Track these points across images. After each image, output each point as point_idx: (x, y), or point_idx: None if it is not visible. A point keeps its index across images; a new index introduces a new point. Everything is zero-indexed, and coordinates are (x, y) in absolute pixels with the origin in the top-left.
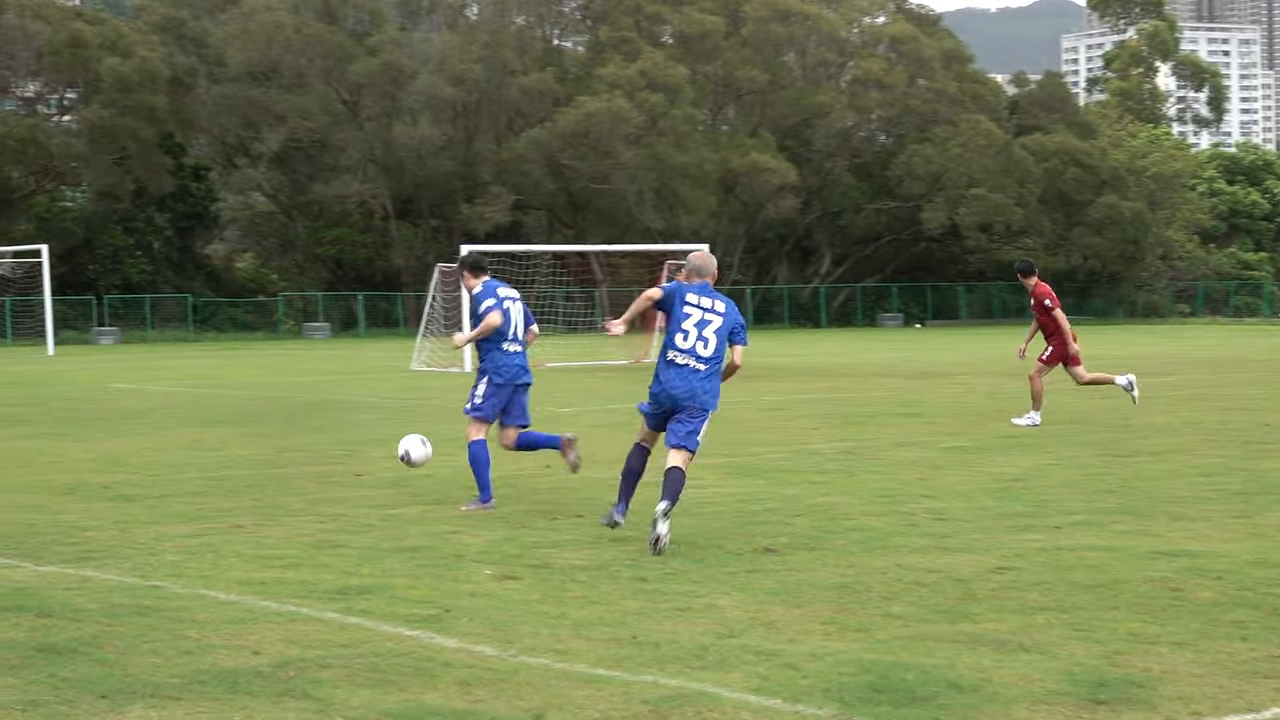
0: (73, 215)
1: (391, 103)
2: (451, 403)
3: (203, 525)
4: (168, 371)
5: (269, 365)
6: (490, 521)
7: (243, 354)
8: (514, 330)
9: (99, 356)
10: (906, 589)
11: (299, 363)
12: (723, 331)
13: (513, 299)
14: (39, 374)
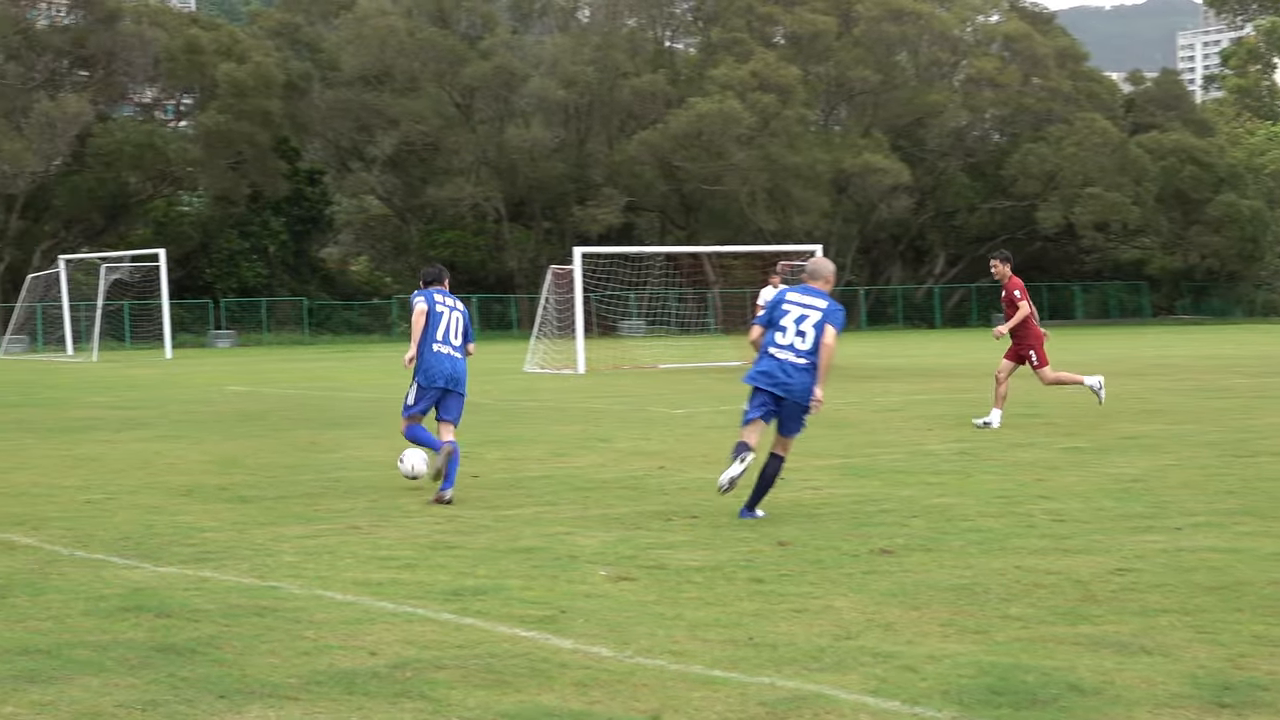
0: (189, 219)
1: (504, 105)
2: (566, 404)
3: (319, 526)
4: (283, 374)
5: (384, 367)
6: (605, 523)
7: (357, 356)
8: (444, 333)
9: (215, 359)
10: (1025, 590)
11: None
12: (820, 324)
13: (450, 306)
14: (157, 377)
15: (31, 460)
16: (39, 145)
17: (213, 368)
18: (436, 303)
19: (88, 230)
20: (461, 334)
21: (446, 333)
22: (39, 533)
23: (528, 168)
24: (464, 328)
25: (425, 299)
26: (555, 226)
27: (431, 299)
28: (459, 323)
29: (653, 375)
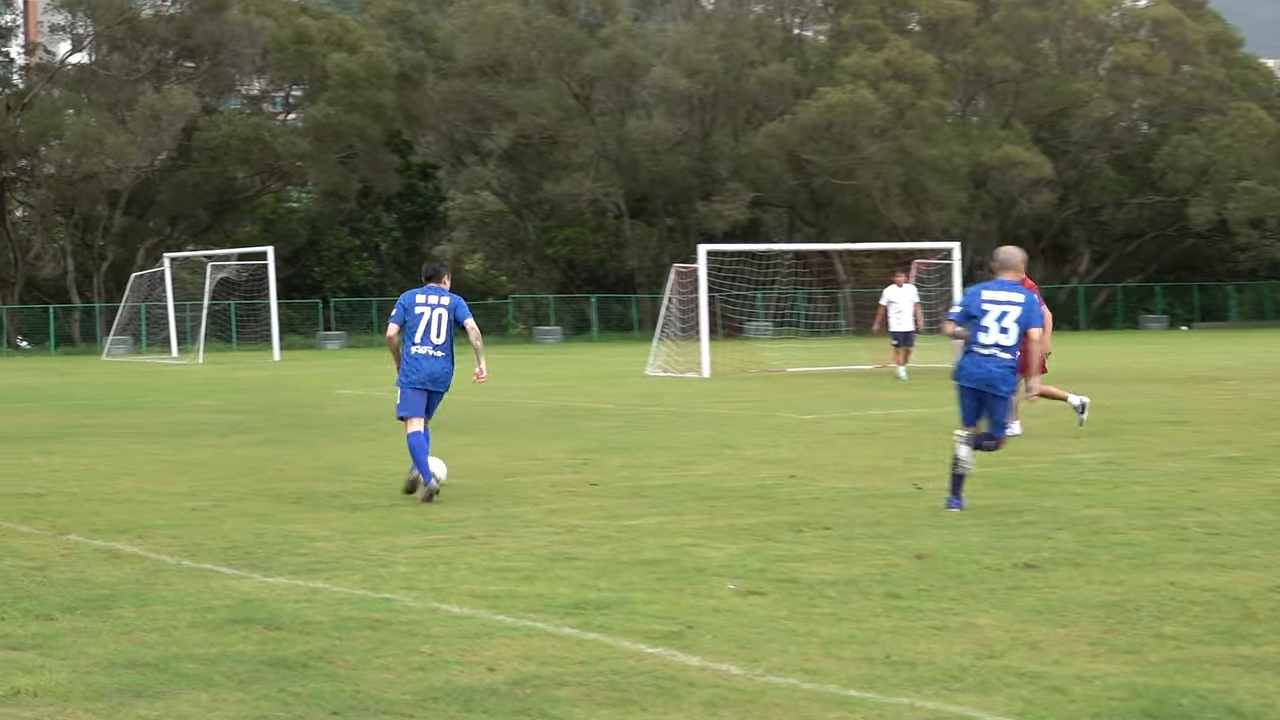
0: (298, 216)
1: (625, 96)
2: (690, 409)
3: (434, 536)
4: (394, 377)
5: (499, 370)
6: (732, 534)
7: (471, 359)
8: (422, 333)
9: (325, 361)
10: (1179, 608)
11: (530, 368)
12: (1022, 320)
13: (430, 305)
14: (265, 379)
15: (136, 466)
16: (144, 139)
17: (322, 370)
18: (417, 304)
19: (193, 227)
20: (445, 330)
21: (426, 333)
22: (144, 541)
23: (649, 161)
24: (448, 324)
25: (402, 309)
26: (678, 223)
27: (411, 302)
28: (441, 320)
29: (781, 379)
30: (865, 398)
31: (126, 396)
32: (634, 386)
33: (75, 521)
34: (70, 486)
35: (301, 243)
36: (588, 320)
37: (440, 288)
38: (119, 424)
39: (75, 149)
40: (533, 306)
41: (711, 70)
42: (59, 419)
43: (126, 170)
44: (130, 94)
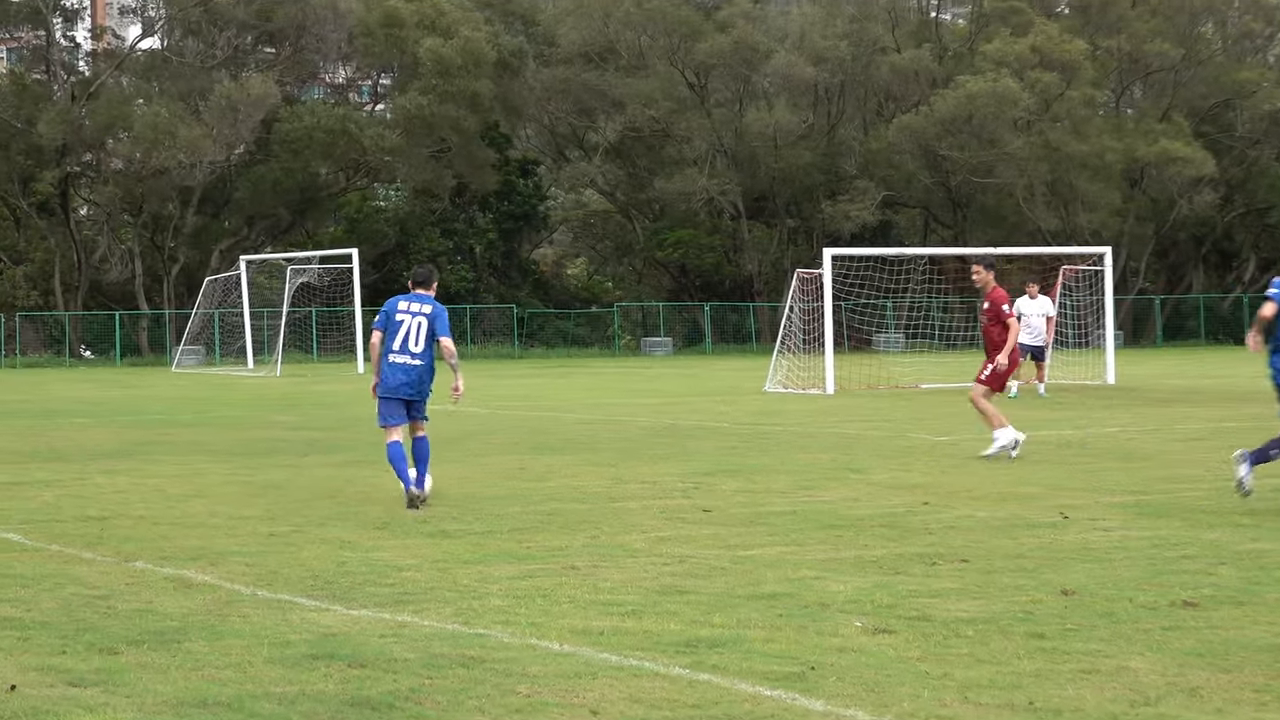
0: (385, 216)
1: (744, 86)
2: (813, 429)
3: (531, 566)
4: (489, 392)
5: (603, 385)
6: (859, 566)
7: (574, 372)
8: (401, 342)
9: None
10: None
11: (638, 382)
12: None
13: (412, 312)
14: (348, 394)
15: (208, 487)
16: (219, 131)
17: None
18: (399, 311)
19: (271, 227)
20: (424, 339)
21: (405, 341)
22: (217, 569)
23: (770, 157)
24: (428, 331)
25: (384, 315)
26: (801, 224)
27: (394, 309)
28: (421, 328)
29: (913, 397)
30: (1009, 417)
31: (198, 411)
32: (751, 403)
33: (142, 547)
34: (137, 509)
35: (389, 245)
36: (701, 330)
37: (426, 295)
38: (189, 441)
39: (145, 142)
40: (640, 315)
41: (839, 57)
42: (124, 435)
43: (200, 165)
44: (205, 83)
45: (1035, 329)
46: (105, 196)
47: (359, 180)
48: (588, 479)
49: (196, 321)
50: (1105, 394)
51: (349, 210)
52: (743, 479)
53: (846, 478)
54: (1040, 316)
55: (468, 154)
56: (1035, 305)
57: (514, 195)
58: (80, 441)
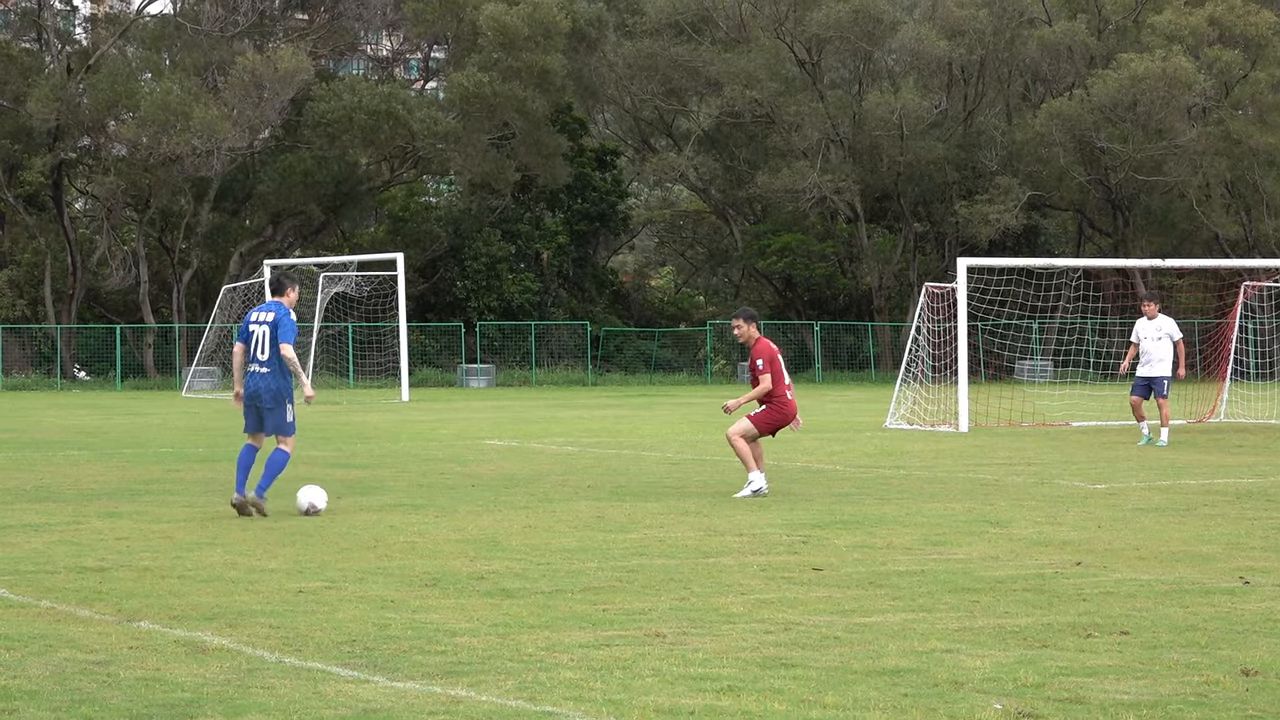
0: (437, 214)
1: (864, 64)
2: (944, 473)
3: (609, 632)
4: (559, 424)
5: (694, 418)
6: (999, 637)
7: (659, 402)
8: (252, 353)
9: (468, 403)
10: None
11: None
12: None
13: (259, 322)
14: (391, 425)
15: (226, 534)
16: (241, 113)
17: (465, 414)
18: (251, 323)
19: (302, 227)
20: (269, 347)
21: (254, 351)
22: (236, 631)
23: (894, 149)
24: (270, 340)
25: (243, 327)
26: (931, 229)
27: (246, 321)
28: (265, 337)
29: (1063, 436)
30: (1177, 462)
31: (213, 444)
32: (869, 442)
33: (148, 604)
34: (142, 559)
35: (441, 249)
36: (810, 354)
37: (277, 303)
38: (203, 479)
39: (153, 124)
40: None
41: (978, 30)
42: (127, 472)
43: (218, 152)
44: (225, 54)
45: (1152, 356)
46: (105, 188)
47: (406, 172)
48: (676, 530)
49: (212, 338)
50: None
51: (393, 207)
52: (860, 532)
53: (984, 532)
54: (1159, 340)
55: (535, 142)
56: (1153, 327)
57: (589, 191)
58: (75, 478)
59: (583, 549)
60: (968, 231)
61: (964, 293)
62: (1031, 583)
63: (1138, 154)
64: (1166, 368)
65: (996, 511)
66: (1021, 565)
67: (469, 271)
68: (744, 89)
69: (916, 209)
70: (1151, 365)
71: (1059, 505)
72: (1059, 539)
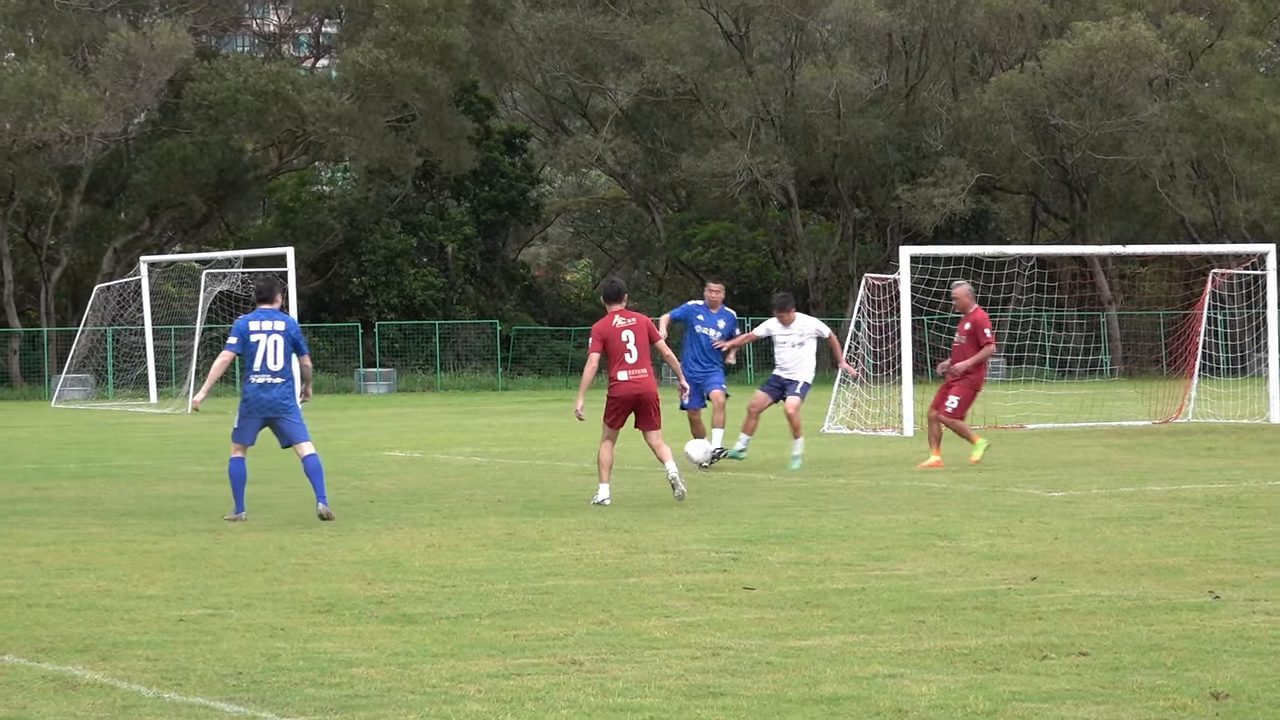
0: (330, 205)
1: (796, 35)
2: (887, 482)
3: (520, 660)
4: (467, 433)
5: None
6: (946, 660)
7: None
8: (261, 362)
9: (367, 410)
10: None
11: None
12: None
13: (267, 331)
14: None
15: (98, 557)
16: (114, 95)
17: (363, 423)
18: (252, 331)
19: (182, 219)
20: (283, 358)
21: (265, 361)
22: (110, 664)
23: (830, 128)
24: (285, 349)
25: (238, 335)
26: (871, 215)
27: (245, 328)
28: (278, 346)
29: (1017, 440)
30: (1141, 466)
31: (86, 459)
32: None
33: (12, 636)
34: (4, 586)
35: (335, 242)
36: (741, 353)
37: (274, 310)
38: (75, 498)
39: (16, 108)
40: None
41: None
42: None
43: (89, 139)
44: (96, 31)
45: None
46: None
47: (296, 158)
48: (594, 547)
49: (84, 342)
50: (1267, 436)
51: (283, 197)
52: (795, 547)
53: (930, 545)
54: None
55: (437, 124)
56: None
57: (497, 178)
58: None
59: (492, 569)
60: (911, 217)
61: (907, 284)
62: (982, 600)
63: (1095, 131)
64: (809, 373)
65: (944, 523)
66: (971, 581)
67: (366, 266)
68: (665, 64)
69: (855, 193)
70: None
71: (1012, 515)
72: (1012, 552)
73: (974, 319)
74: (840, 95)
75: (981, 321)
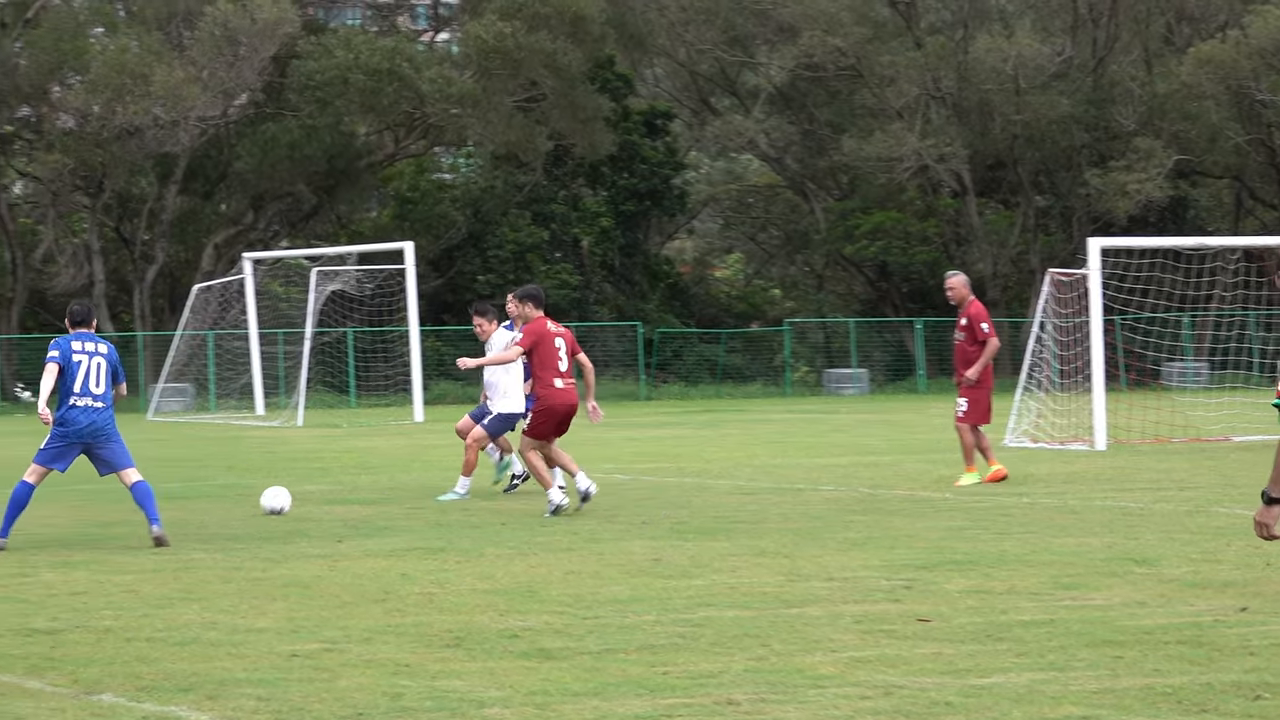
0: (452, 195)
1: (970, 3)
2: (1076, 501)
3: (670, 699)
4: (606, 447)
5: (770, 438)
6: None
7: (727, 419)
8: (82, 384)
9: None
10: None
11: (819, 433)
12: None
13: (89, 353)
14: (402, 452)
15: (202, 586)
16: (213, 74)
17: None
18: (74, 351)
19: (289, 211)
20: (105, 381)
21: (85, 383)
22: (217, 705)
23: (1009, 106)
24: (108, 372)
25: (60, 351)
26: (1055, 203)
27: (68, 348)
28: (100, 369)
29: (1223, 453)
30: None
31: (187, 478)
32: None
33: (110, 673)
34: (102, 618)
35: (458, 236)
36: (909, 358)
37: (93, 334)
38: (175, 521)
39: (106, 89)
40: (822, 337)
41: None
42: (82, 513)
43: (186, 123)
44: (192, 3)
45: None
46: (49, 168)
47: (414, 143)
48: (750, 574)
49: (182, 348)
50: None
51: (400, 187)
52: (975, 574)
53: (1127, 572)
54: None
55: (570, 104)
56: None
57: (637, 163)
58: (19, 522)
59: (637, 599)
60: (1101, 206)
61: (1097, 280)
62: (1186, 634)
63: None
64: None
65: (1142, 547)
66: (1174, 612)
67: (492, 263)
68: (824, 35)
69: (1037, 179)
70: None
71: (1219, 538)
72: (1219, 579)
73: (970, 313)
74: (1019, 69)
75: (978, 315)
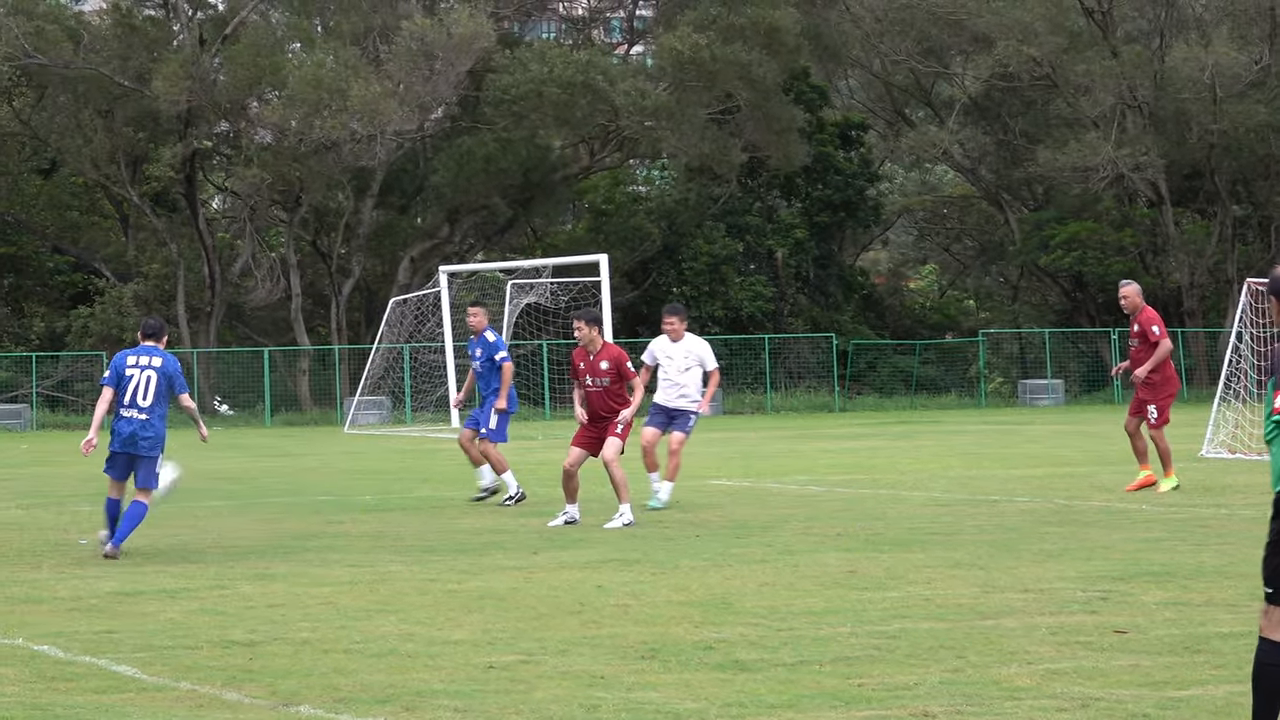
0: (647, 207)
1: (1166, 11)
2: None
3: (866, 711)
4: (800, 459)
5: (964, 449)
6: None
7: (923, 431)
8: (130, 396)
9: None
10: None
11: (1014, 445)
12: None
13: (142, 366)
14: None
15: (399, 598)
16: (408, 88)
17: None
18: (128, 366)
19: (484, 225)
20: (152, 394)
21: (134, 395)
22: (414, 715)
23: (1206, 115)
24: (158, 385)
25: (113, 370)
26: (1253, 213)
27: (122, 364)
28: (150, 381)
29: None
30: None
31: (384, 490)
32: (1184, 475)
33: (308, 684)
34: (299, 630)
35: (653, 248)
36: (1105, 368)
37: (155, 347)
38: (371, 533)
39: (303, 104)
40: (1017, 348)
41: None
42: (279, 526)
43: (382, 137)
44: (389, 18)
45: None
46: (247, 183)
47: (608, 156)
48: (945, 586)
49: (379, 361)
50: None
51: (594, 199)
52: (1172, 586)
53: None
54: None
55: (764, 116)
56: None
57: (831, 175)
58: (218, 534)
59: (832, 611)
60: None
61: None
62: None
63: None
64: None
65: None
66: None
67: (688, 275)
68: (1019, 45)
69: (1235, 188)
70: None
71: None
72: None
73: (1142, 319)
74: (1216, 78)
75: (1150, 319)
